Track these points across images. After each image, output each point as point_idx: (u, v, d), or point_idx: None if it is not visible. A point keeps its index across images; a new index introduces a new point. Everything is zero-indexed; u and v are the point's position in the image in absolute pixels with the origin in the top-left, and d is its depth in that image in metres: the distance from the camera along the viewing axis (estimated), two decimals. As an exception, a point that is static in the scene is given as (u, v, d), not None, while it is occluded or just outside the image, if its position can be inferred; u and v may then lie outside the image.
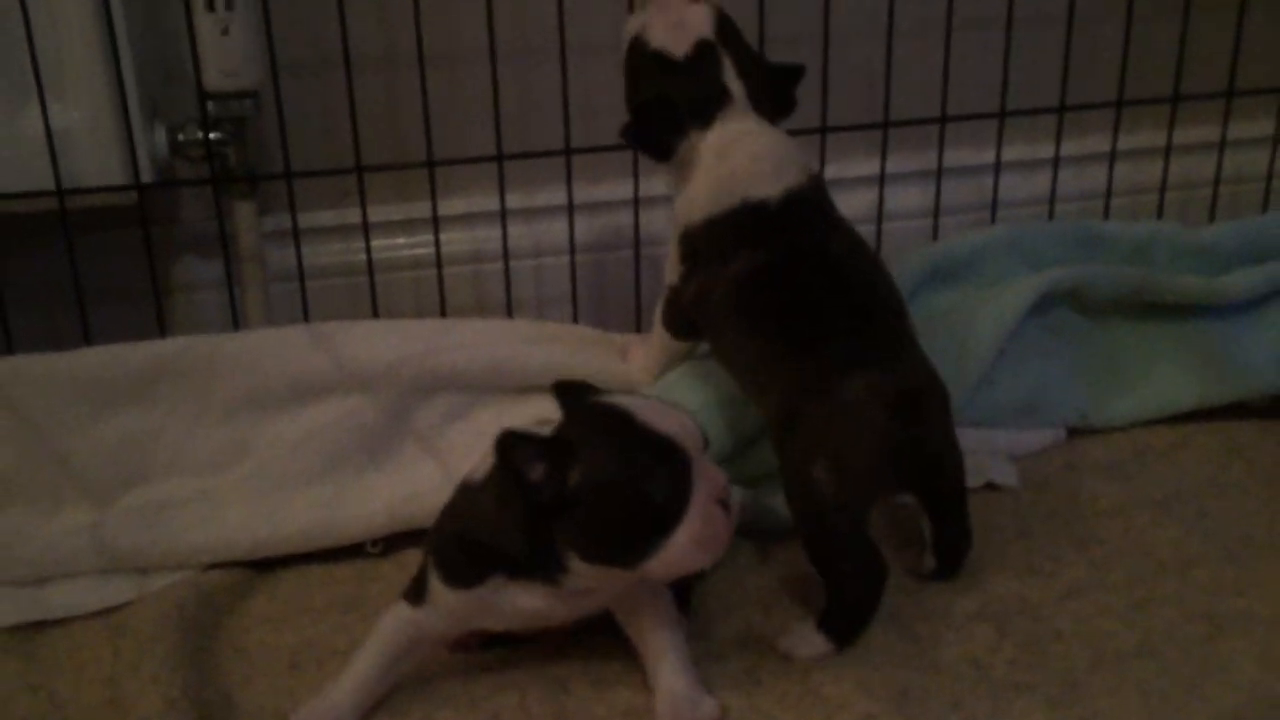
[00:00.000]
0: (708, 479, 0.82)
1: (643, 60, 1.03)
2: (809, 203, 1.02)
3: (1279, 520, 1.08)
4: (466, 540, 0.86)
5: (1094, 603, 0.99)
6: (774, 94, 1.05)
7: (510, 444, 0.80)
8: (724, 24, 1.03)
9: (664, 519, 0.81)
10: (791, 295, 0.98)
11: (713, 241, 1.02)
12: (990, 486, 1.14)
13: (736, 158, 1.01)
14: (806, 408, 0.93)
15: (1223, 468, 1.17)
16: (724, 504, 0.83)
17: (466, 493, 0.87)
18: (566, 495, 0.80)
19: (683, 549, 0.81)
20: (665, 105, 1.02)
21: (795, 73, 1.06)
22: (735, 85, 1.02)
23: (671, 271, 1.07)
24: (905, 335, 0.99)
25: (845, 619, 0.94)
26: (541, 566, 0.84)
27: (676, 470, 0.81)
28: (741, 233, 1.00)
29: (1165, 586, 1.00)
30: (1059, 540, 1.07)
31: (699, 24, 1.02)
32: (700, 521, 0.81)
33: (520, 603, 0.86)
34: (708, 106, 1.02)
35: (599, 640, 0.93)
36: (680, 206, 1.05)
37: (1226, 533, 1.07)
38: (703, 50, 1.02)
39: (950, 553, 1.01)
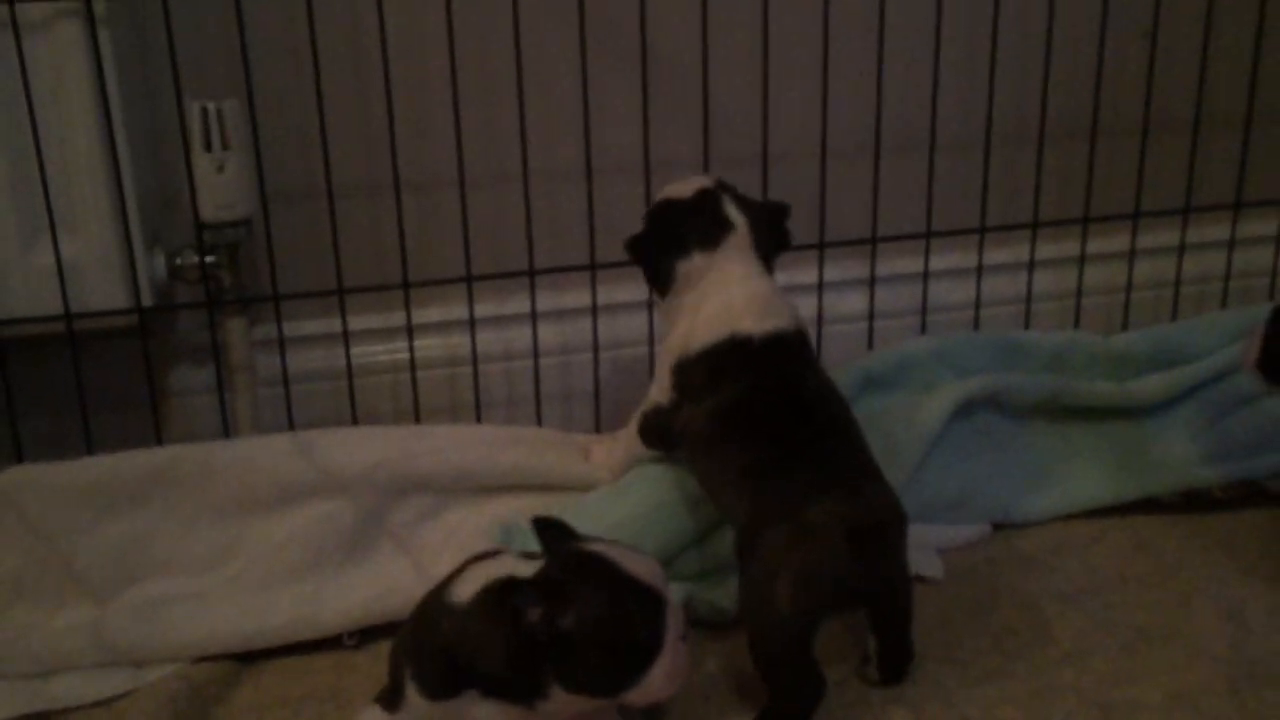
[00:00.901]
0: (675, 619, 0.94)
1: (657, 208, 1.20)
2: (790, 346, 1.14)
3: (1174, 612, 1.19)
4: (449, 657, 0.93)
5: (1000, 690, 1.09)
6: (771, 231, 1.19)
7: (512, 590, 0.91)
8: (723, 181, 1.20)
9: (644, 657, 0.92)
10: (766, 425, 1.09)
11: (703, 372, 1.13)
12: (918, 579, 1.25)
13: (734, 292, 1.14)
14: (773, 528, 1.02)
15: (1129, 562, 1.28)
16: (683, 639, 0.94)
17: (450, 612, 0.94)
18: (558, 635, 0.90)
19: (658, 681, 0.92)
20: (674, 224, 1.17)
21: (784, 209, 1.20)
22: (737, 218, 1.16)
23: (660, 393, 1.18)
24: (868, 467, 1.09)
25: None
26: (522, 692, 0.92)
27: (654, 614, 0.92)
28: (727, 365, 1.12)
29: (1065, 675, 1.10)
30: (976, 630, 1.17)
31: (701, 180, 1.19)
32: (672, 656, 0.93)
33: (488, 718, 0.94)
34: (713, 232, 1.16)
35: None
36: (675, 341, 1.16)
37: (1125, 624, 1.18)
38: (705, 193, 1.18)
39: (894, 665, 1.09)
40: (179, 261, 1.30)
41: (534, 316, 1.40)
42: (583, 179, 1.36)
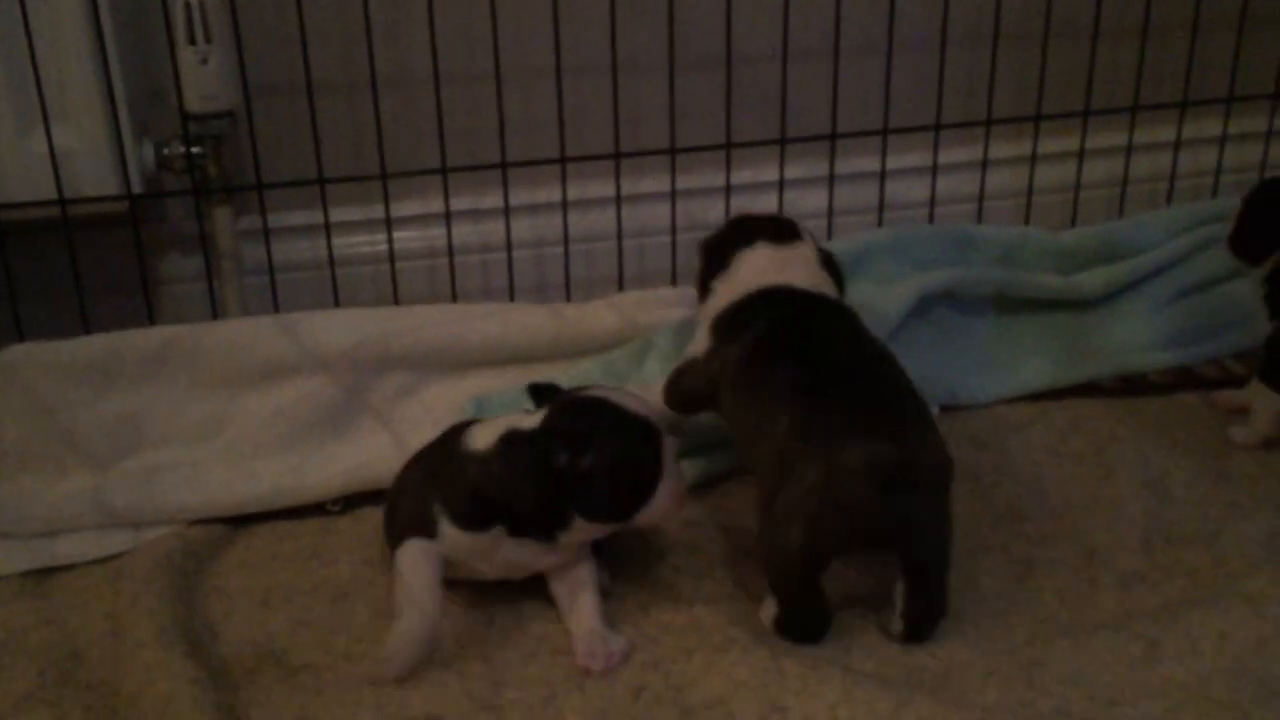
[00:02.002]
0: (670, 448, 1.06)
1: (736, 217, 1.28)
2: (825, 299, 1.17)
3: (1100, 483, 1.28)
4: (478, 497, 1.05)
5: (935, 550, 1.18)
6: (833, 269, 1.24)
7: (540, 439, 1.03)
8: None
9: (650, 484, 1.05)
10: (797, 362, 1.08)
11: (747, 310, 1.16)
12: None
13: (793, 267, 1.19)
14: (801, 468, 0.99)
15: (1065, 440, 1.36)
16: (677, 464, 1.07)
17: (474, 459, 1.06)
18: (581, 474, 1.02)
19: (664, 503, 1.05)
20: (748, 228, 1.23)
21: (831, 257, 1.25)
22: (808, 237, 1.23)
23: (695, 347, 1.20)
24: (910, 409, 1.05)
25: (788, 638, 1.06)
26: (546, 527, 1.05)
27: (656, 445, 1.05)
28: (773, 300, 1.15)
29: (996, 537, 1.19)
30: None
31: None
32: (673, 481, 1.06)
33: (512, 554, 1.07)
34: (784, 234, 1.22)
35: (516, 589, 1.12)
36: (718, 300, 1.19)
37: (1055, 494, 1.26)
38: (782, 218, 1.26)
39: (920, 620, 1.04)
40: (166, 151, 1.36)
41: (506, 209, 1.47)
42: (554, 76, 1.42)
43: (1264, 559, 1.13)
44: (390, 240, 1.45)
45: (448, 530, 1.06)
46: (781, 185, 1.52)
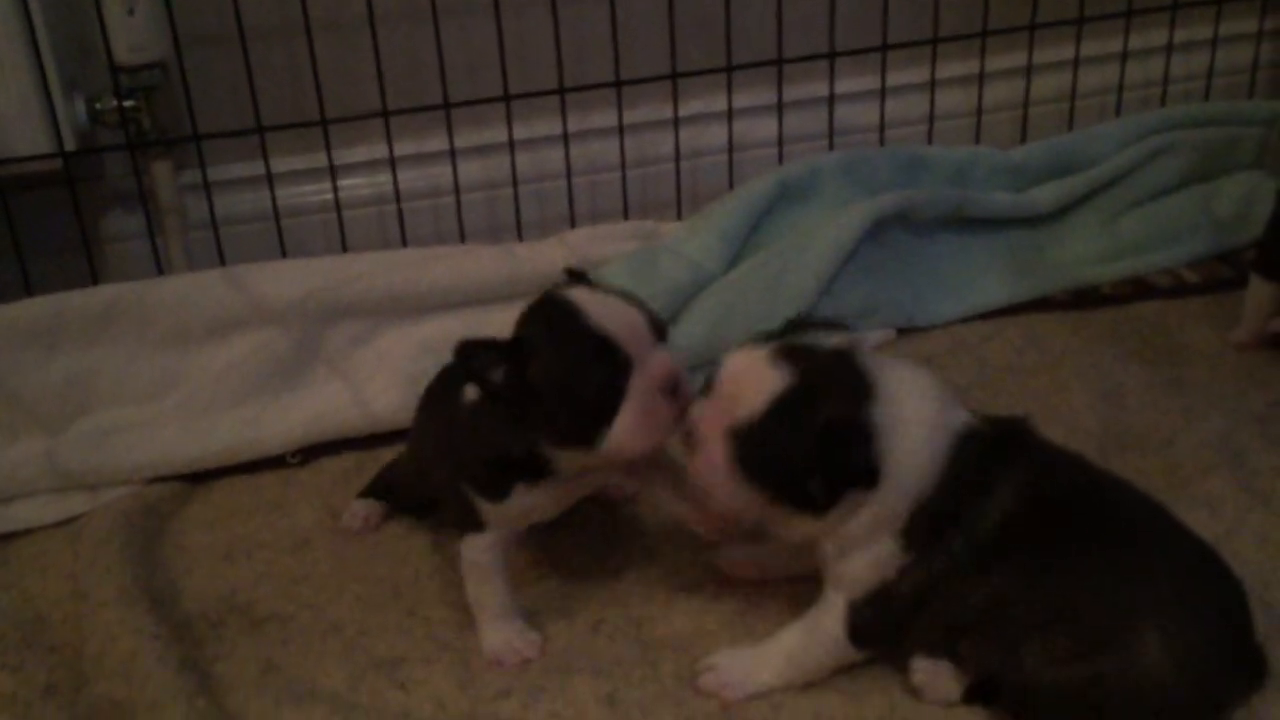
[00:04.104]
0: (648, 371, 0.90)
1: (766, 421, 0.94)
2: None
3: (1056, 396, 1.28)
4: (488, 462, 0.95)
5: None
6: None
7: (468, 353, 0.89)
8: None
9: (605, 408, 0.89)
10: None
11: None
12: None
13: None
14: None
15: (1020, 355, 1.37)
16: (673, 391, 0.91)
17: (468, 413, 0.95)
18: (528, 389, 0.89)
19: (626, 432, 0.89)
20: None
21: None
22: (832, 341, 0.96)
23: (870, 571, 0.92)
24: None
25: None
26: (533, 466, 0.93)
27: (612, 365, 0.89)
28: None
29: (953, 454, 1.20)
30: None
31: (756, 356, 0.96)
32: (639, 408, 0.89)
33: (540, 502, 0.97)
34: None
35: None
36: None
37: (1013, 407, 1.20)
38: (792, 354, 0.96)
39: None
40: (99, 106, 1.33)
41: (452, 151, 1.45)
42: (493, 12, 1.39)
43: (1217, 462, 1.15)
44: (335, 188, 1.43)
45: (487, 510, 0.96)
46: (730, 115, 1.51)
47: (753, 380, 0.88)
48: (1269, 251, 1.32)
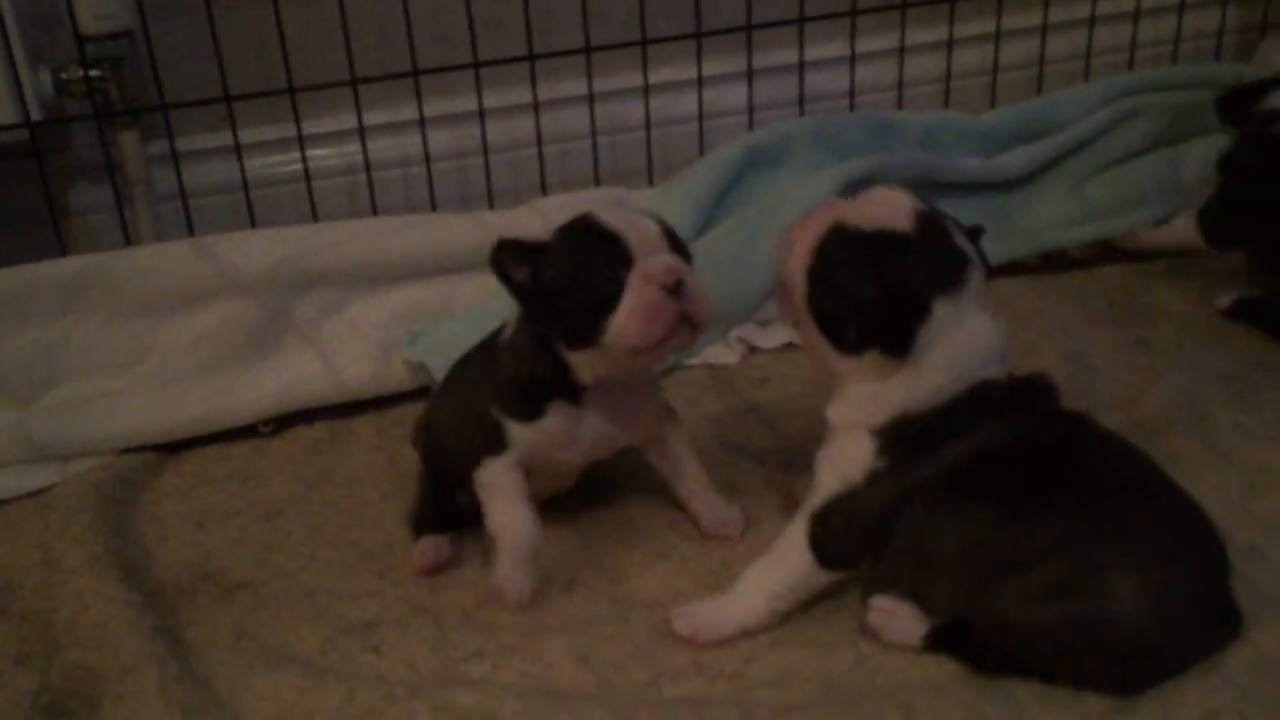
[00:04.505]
0: (648, 269, 0.95)
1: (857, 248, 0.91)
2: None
3: (1024, 358, 1.26)
4: (521, 381, 1.00)
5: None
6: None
7: (499, 251, 0.97)
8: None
9: (605, 298, 0.95)
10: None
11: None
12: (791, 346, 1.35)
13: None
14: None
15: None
16: (674, 290, 0.95)
17: (505, 349, 1.02)
18: (544, 290, 0.97)
19: (626, 324, 0.94)
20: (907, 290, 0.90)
21: (978, 231, 0.98)
22: (967, 246, 0.94)
23: (847, 471, 0.94)
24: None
25: None
26: (561, 382, 0.99)
27: (612, 260, 0.95)
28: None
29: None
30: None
31: (903, 199, 0.94)
32: (637, 302, 0.94)
33: (589, 430, 1.01)
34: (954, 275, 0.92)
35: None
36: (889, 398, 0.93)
37: None
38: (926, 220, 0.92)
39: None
40: (64, 76, 1.32)
41: (422, 120, 1.44)
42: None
43: (1180, 418, 1.16)
44: (304, 158, 1.43)
45: (514, 431, 1.00)
46: (700, 82, 1.51)
47: (879, 212, 0.92)
48: (1213, 217, 1.34)
